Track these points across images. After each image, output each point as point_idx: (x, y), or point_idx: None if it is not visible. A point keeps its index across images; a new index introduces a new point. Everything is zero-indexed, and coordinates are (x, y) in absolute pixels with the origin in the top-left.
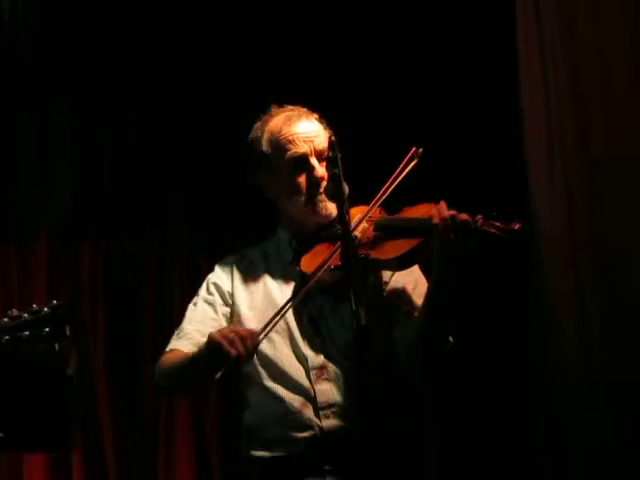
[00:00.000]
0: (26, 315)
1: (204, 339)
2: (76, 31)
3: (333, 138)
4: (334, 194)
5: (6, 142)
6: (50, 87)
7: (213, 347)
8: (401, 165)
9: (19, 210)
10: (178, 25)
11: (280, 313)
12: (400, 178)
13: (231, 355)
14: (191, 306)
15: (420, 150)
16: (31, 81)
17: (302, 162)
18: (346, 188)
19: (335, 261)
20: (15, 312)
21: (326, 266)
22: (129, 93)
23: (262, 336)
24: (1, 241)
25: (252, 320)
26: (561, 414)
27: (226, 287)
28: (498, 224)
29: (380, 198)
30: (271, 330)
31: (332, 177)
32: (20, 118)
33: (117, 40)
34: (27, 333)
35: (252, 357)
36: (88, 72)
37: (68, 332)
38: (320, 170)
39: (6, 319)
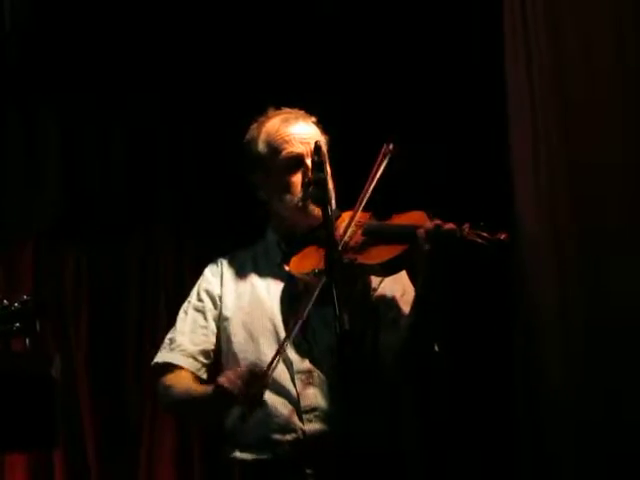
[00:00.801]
0: None
1: (196, 348)
2: (63, 32)
3: (319, 143)
4: (319, 198)
5: None
6: (36, 90)
7: (220, 392)
8: (375, 164)
9: (4, 213)
10: (166, 25)
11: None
12: (377, 177)
13: (239, 399)
14: (182, 315)
15: (391, 147)
16: (16, 84)
17: (297, 162)
18: (332, 193)
19: (321, 265)
20: None
21: (315, 270)
22: (115, 96)
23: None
24: None
25: (238, 322)
26: (546, 419)
27: (216, 291)
28: (484, 234)
29: (363, 199)
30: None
31: (317, 181)
32: (5, 121)
33: (103, 41)
34: None
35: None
36: (74, 75)
37: (38, 327)
38: None
39: None
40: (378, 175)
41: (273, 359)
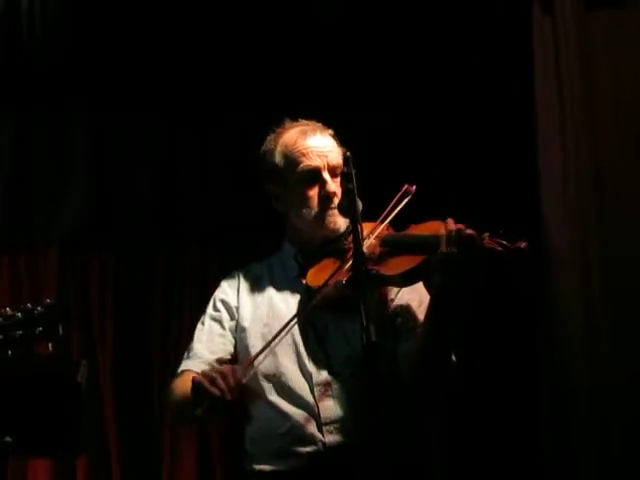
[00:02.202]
0: (19, 314)
1: (213, 356)
2: (92, 36)
3: (348, 154)
4: (348, 209)
5: (19, 152)
6: (65, 98)
7: (195, 388)
8: (393, 202)
9: (30, 221)
10: (190, 30)
11: (280, 334)
12: (394, 214)
13: (212, 394)
14: (199, 325)
15: (413, 188)
16: (46, 92)
17: (314, 176)
18: (359, 204)
19: (342, 276)
20: (8, 311)
21: (334, 281)
22: (144, 108)
23: (254, 366)
24: (12, 251)
25: (256, 334)
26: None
27: (232, 302)
28: (504, 242)
29: (388, 215)
30: (267, 352)
31: (346, 192)
32: (34, 128)
33: (131, 46)
34: (20, 332)
35: (235, 394)
36: (101, 79)
37: (61, 332)
38: (332, 185)
39: None
40: (394, 213)
41: (258, 354)
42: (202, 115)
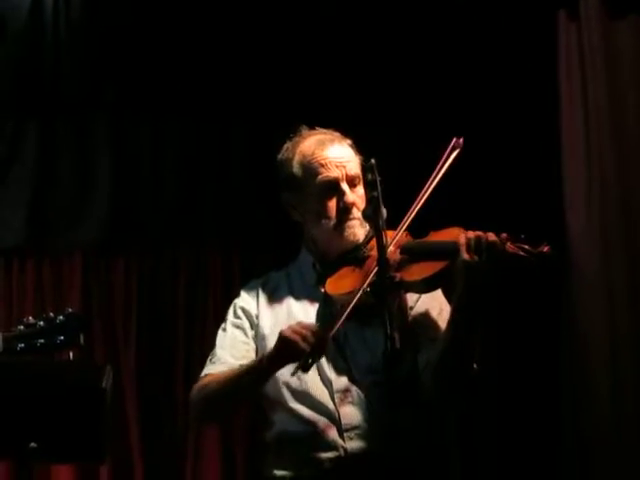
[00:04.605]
0: (41, 323)
1: (238, 362)
2: (115, 42)
3: (373, 161)
4: (372, 217)
5: (43, 157)
6: (88, 103)
7: (284, 342)
8: (442, 159)
9: (54, 225)
10: (213, 41)
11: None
12: (443, 171)
13: (305, 351)
14: (220, 332)
15: (461, 140)
16: (69, 98)
17: (333, 187)
18: (384, 212)
19: (364, 284)
20: (30, 320)
21: (358, 289)
22: (166, 110)
23: (332, 332)
24: (36, 255)
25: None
26: (591, 442)
27: (252, 310)
28: (526, 247)
29: (407, 219)
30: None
31: (371, 200)
32: (58, 133)
33: (151, 50)
34: (42, 341)
35: (323, 353)
36: (126, 85)
37: (82, 341)
38: (351, 196)
39: (21, 327)
40: (444, 169)
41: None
42: (225, 115)
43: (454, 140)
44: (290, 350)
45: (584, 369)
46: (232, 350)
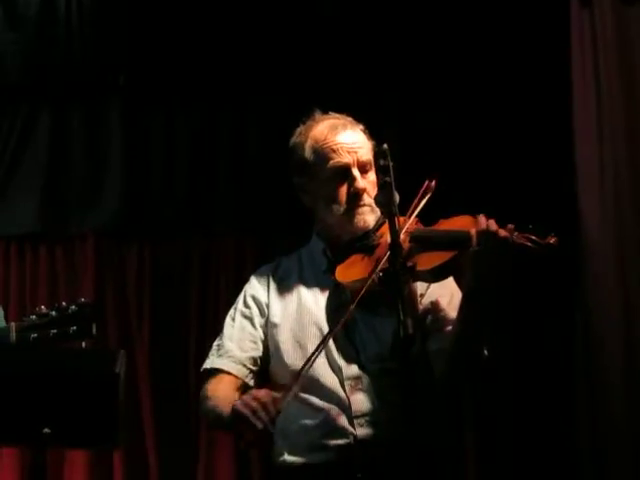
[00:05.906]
0: (53, 313)
1: (245, 355)
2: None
3: (385, 146)
4: (385, 202)
5: (56, 143)
6: (100, 89)
7: (236, 416)
8: (416, 199)
9: (67, 211)
10: (228, 33)
11: (319, 347)
12: (416, 212)
13: (257, 428)
14: (229, 321)
15: (433, 183)
16: (82, 83)
17: (344, 172)
18: (397, 197)
19: (365, 273)
20: (43, 310)
21: (372, 277)
22: (179, 98)
23: (292, 390)
24: (48, 241)
25: (286, 330)
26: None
27: (263, 298)
28: (534, 237)
29: (414, 210)
30: (305, 372)
31: (383, 185)
32: (70, 119)
33: (164, 39)
34: (54, 331)
35: (274, 423)
36: (139, 72)
37: (94, 331)
38: (362, 182)
39: (34, 316)
40: (417, 211)
41: (297, 375)
42: (238, 100)
43: (426, 183)
44: (242, 424)
45: (599, 356)
46: (240, 342)
